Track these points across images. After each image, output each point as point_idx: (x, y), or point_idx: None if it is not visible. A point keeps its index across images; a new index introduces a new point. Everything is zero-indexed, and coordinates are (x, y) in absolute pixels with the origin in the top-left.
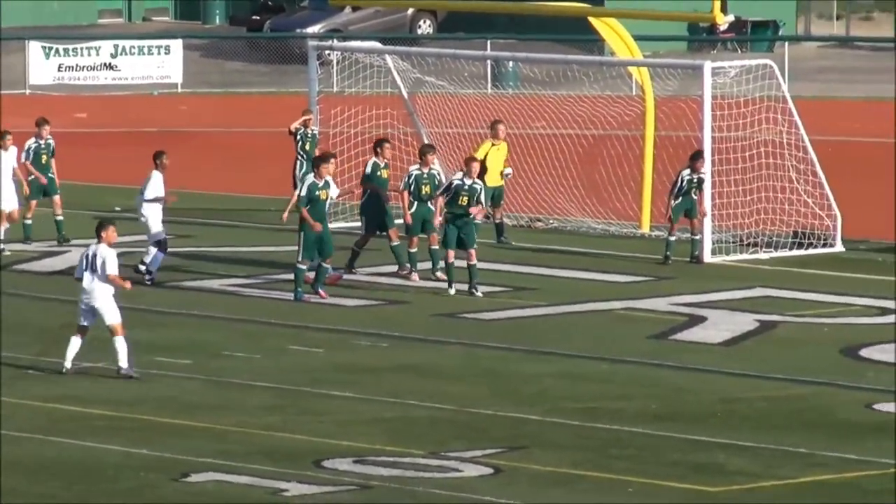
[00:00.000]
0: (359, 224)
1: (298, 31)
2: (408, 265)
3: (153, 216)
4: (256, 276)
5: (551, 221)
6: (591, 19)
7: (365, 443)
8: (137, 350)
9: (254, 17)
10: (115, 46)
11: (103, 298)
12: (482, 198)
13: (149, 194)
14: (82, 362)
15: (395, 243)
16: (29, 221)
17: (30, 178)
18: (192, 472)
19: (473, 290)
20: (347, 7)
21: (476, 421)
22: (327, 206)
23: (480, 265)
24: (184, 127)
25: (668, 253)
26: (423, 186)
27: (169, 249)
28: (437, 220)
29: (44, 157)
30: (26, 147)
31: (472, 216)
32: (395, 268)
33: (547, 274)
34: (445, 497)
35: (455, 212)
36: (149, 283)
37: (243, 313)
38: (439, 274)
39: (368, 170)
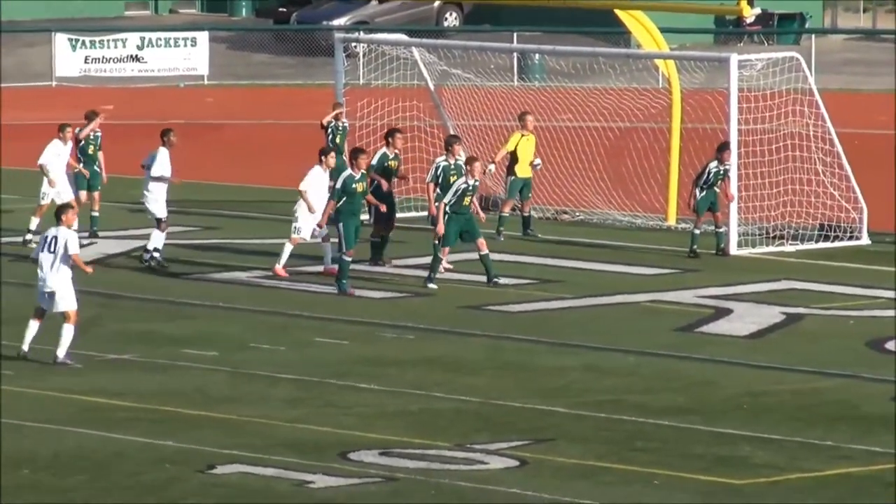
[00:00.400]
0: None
1: (325, 23)
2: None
3: (158, 194)
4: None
5: (577, 214)
6: (618, 11)
7: (391, 435)
8: (163, 342)
9: (280, 10)
10: (142, 38)
11: (61, 283)
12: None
13: (155, 171)
14: (108, 354)
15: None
16: (96, 213)
17: (75, 171)
18: (217, 464)
19: (495, 281)
20: None
21: (501, 413)
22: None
23: (507, 257)
24: (210, 119)
25: (694, 247)
26: (451, 177)
27: (196, 241)
28: (433, 208)
29: (91, 149)
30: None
31: (473, 213)
32: (419, 259)
33: (573, 266)
34: (471, 489)
35: (459, 211)
36: (160, 264)
37: (269, 305)
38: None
39: (375, 160)
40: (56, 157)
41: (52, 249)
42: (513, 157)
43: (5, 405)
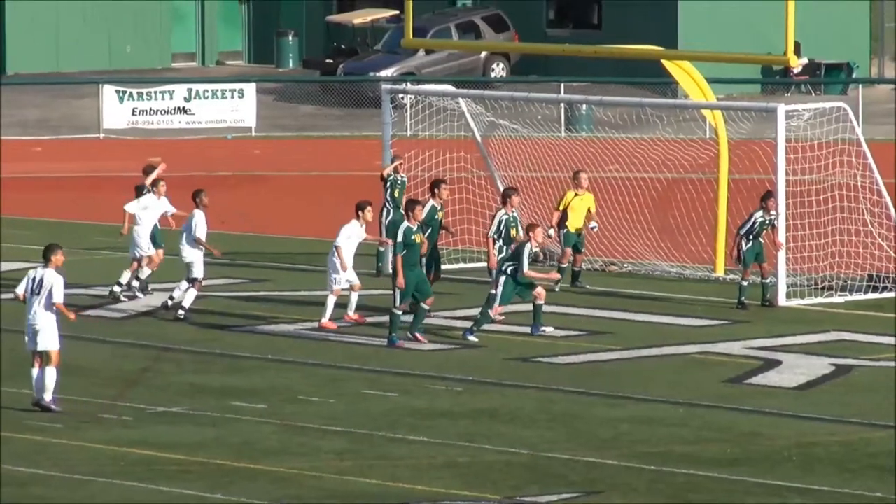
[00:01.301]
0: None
1: (372, 74)
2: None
3: (198, 258)
4: (332, 319)
5: (626, 265)
6: (665, 62)
7: (440, 487)
8: (213, 394)
9: (327, 61)
10: (189, 90)
11: (45, 323)
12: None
13: (198, 234)
14: (158, 406)
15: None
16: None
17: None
18: None
19: (543, 331)
20: (421, 50)
21: (551, 465)
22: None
23: (556, 309)
24: (257, 171)
25: (742, 298)
26: (511, 230)
27: (245, 293)
28: (493, 262)
29: None
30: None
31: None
32: (467, 310)
33: (622, 318)
34: None
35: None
36: (182, 318)
37: (318, 358)
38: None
39: (425, 214)
40: (144, 209)
41: (37, 291)
42: (564, 213)
43: (56, 457)
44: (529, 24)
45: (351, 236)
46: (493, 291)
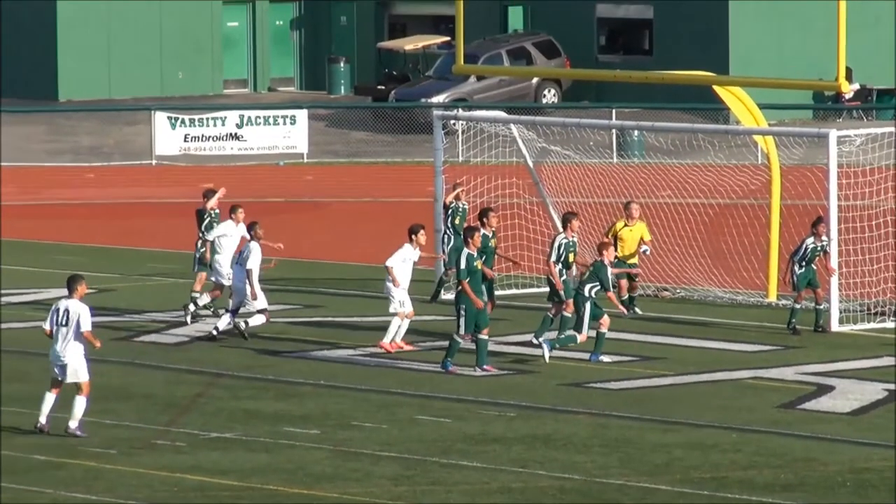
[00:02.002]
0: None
1: (423, 100)
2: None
3: (258, 287)
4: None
5: (678, 291)
6: (716, 88)
7: None
8: (266, 420)
9: (379, 87)
10: (241, 116)
11: (74, 355)
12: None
13: (250, 265)
14: (211, 432)
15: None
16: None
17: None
18: None
19: (601, 360)
20: (472, 76)
21: (605, 491)
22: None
23: (610, 335)
24: (309, 197)
25: (793, 321)
26: (570, 254)
27: (299, 319)
28: (559, 284)
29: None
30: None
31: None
32: (520, 336)
33: (675, 343)
34: None
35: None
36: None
37: (371, 383)
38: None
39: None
40: (223, 237)
41: (64, 322)
42: (615, 241)
43: (110, 483)
44: (581, 50)
45: (406, 259)
46: (566, 313)
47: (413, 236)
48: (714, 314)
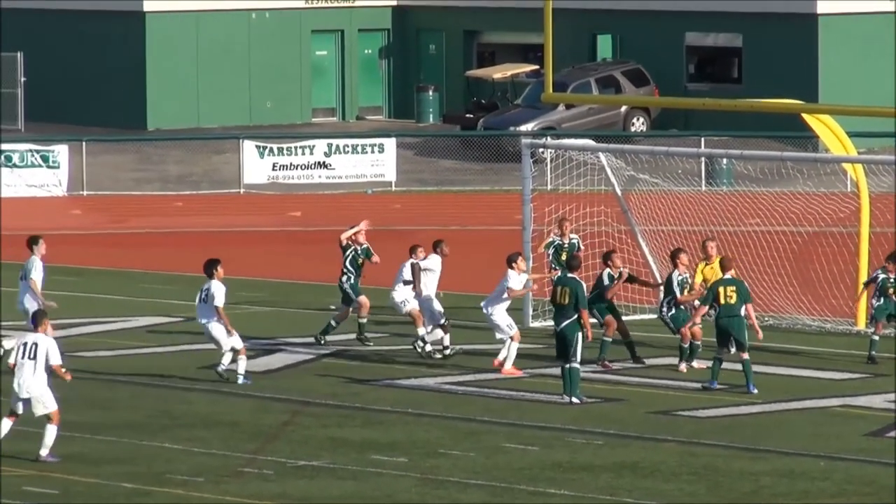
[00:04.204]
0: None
1: (512, 128)
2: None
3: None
4: (468, 372)
5: (766, 319)
6: (805, 115)
7: None
8: (354, 448)
9: (467, 115)
10: (329, 145)
11: (39, 388)
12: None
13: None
14: (298, 460)
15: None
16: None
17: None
18: None
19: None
20: (561, 105)
21: None
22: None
23: (698, 364)
24: (398, 225)
25: (872, 352)
26: (684, 289)
27: (386, 348)
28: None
29: (360, 260)
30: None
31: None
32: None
33: (763, 371)
34: None
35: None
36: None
37: (458, 411)
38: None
39: (606, 281)
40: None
41: (32, 356)
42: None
43: None
44: (669, 79)
45: (517, 284)
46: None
47: (513, 264)
48: (802, 342)
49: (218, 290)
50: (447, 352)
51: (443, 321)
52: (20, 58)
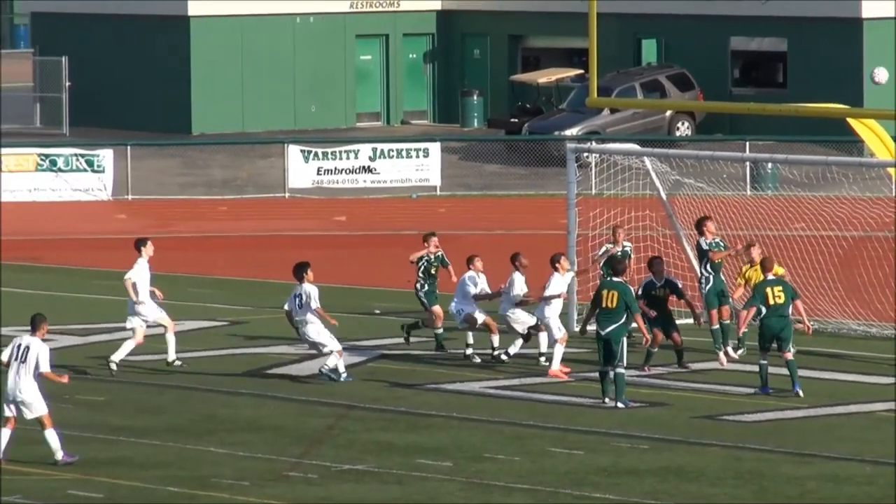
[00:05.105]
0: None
1: (556, 133)
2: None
3: (522, 316)
4: (514, 376)
5: (812, 323)
6: (850, 120)
7: None
8: (399, 452)
9: (512, 120)
10: (374, 149)
11: (30, 391)
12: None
13: (515, 291)
14: (343, 464)
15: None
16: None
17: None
18: None
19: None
20: (605, 109)
21: None
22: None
23: (740, 367)
24: (443, 230)
25: None
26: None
27: (430, 352)
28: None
29: (433, 269)
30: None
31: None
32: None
33: (808, 376)
34: None
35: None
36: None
37: (504, 415)
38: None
39: (640, 291)
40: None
41: (23, 359)
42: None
43: None
44: (714, 83)
45: (557, 287)
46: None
47: (556, 264)
48: (847, 346)
49: (313, 292)
50: (496, 353)
51: (526, 331)
52: (65, 62)
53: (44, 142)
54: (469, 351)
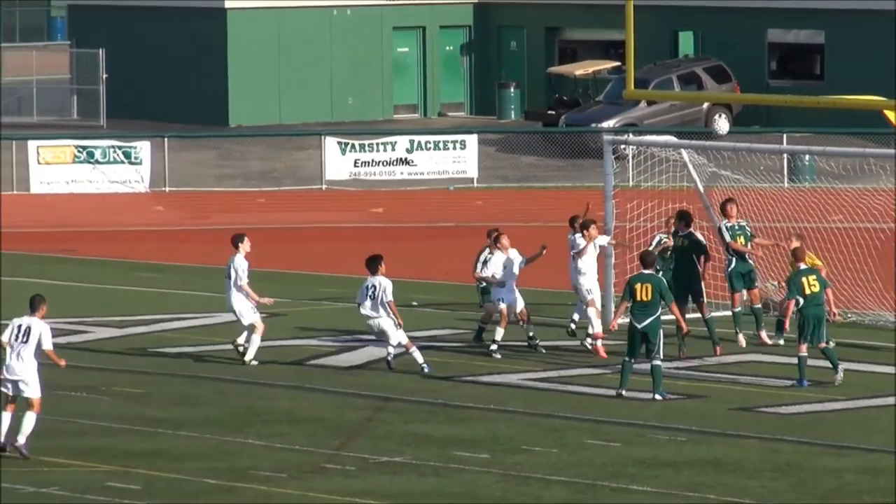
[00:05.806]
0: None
1: (593, 125)
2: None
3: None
4: (551, 368)
5: (849, 315)
6: (887, 112)
7: None
8: (436, 444)
9: (549, 112)
10: (411, 141)
11: (29, 372)
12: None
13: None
14: (381, 457)
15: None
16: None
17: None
18: None
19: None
20: (642, 101)
21: None
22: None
23: (779, 359)
24: (479, 221)
25: None
26: (736, 238)
27: (468, 344)
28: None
29: None
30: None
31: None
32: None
33: (846, 367)
34: None
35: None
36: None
37: (540, 408)
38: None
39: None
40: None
41: (24, 340)
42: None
43: None
44: (751, 76)
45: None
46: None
47: (585, 231)
48: (885, 339)
49: (388, 285)
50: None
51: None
52: (102, 54)
53: (81, 133)
54: (494, 346)
